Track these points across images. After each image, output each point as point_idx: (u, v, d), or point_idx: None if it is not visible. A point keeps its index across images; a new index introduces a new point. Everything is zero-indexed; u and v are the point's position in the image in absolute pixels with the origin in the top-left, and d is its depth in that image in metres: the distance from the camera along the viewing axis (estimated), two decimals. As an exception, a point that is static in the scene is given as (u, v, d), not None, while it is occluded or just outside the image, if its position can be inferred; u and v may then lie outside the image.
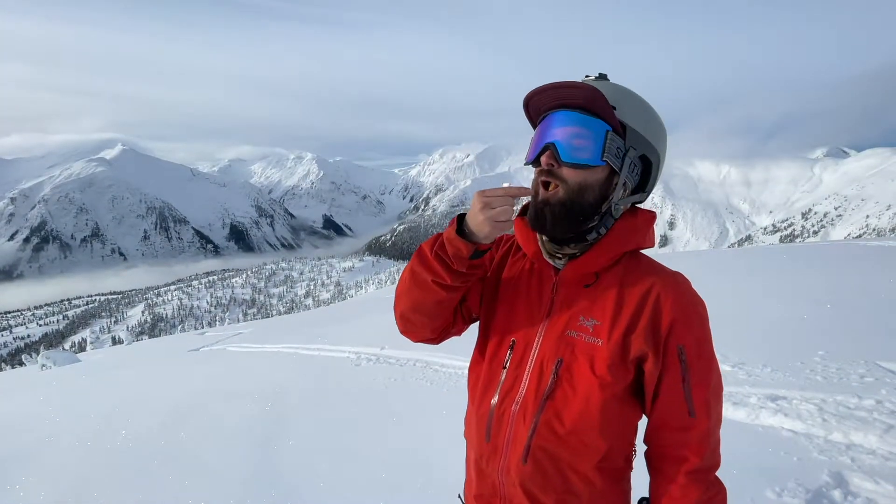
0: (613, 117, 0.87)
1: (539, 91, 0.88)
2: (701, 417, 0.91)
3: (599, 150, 0.86)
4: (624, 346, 0.90)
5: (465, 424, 1.12)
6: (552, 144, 0.87)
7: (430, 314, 1.00)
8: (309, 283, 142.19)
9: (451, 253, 0.89)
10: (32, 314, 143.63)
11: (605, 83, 0.91)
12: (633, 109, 0.90)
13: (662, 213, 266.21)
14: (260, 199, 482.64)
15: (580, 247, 0.94)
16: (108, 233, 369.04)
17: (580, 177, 0.87)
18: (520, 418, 0.95)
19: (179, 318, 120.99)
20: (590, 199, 0.89)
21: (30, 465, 3.99)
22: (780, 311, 5.79)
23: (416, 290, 0.97)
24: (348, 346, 7.61)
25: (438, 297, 0.95)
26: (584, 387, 0.90)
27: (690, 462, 0.91)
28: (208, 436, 4.15)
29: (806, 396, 3.26)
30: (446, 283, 0.92)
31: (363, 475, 3.03)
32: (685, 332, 0.90)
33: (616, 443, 0.94)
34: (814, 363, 3.86)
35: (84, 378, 9.54)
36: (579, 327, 0.92)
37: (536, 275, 1.01)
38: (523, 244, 1.02)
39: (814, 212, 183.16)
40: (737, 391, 3.49)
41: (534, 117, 0.95)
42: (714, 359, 0.93)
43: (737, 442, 2.76)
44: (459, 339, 1.18)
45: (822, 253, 11.28)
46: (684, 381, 0.90)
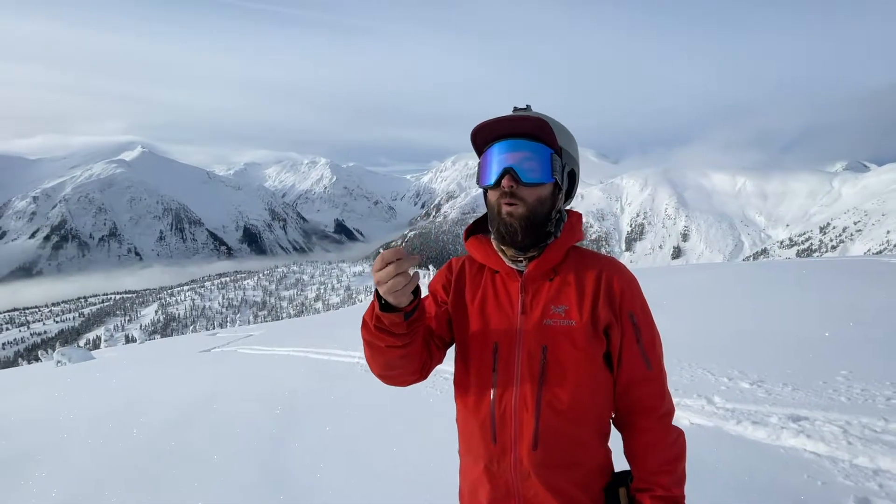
0: (555, 142, 1.07)
1: (492, 123, 1.06)
2: (656, 369, 1.10)
3: (549, 170, 1.05)
4: (594, 319, 1.06)
5: (462, 440, 1.17)
6: (511, 169, 1.04)
7: (401, 366, 1.08)
8: (319, 287, 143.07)
9: (387, 323, 0.98)
10: (50, 311, 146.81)
11: (539, 114, 1.10)
12: (563, 134, 1.10)
13: (676, 224, 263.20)
14: (273, 203, 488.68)
15: (538, 248, 1.10)
16: (125, 233, 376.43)
17: (536, 193, 1.06)
18: (522, 409, 1.05)
19: (191, 318, 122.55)
20: (545, 210, 1.08)
21: (43, 462, 4.03)
22: (800, 327, 5.64)
23: (378, 356, 1.06)
24: (358, 351, 7.60)
25: (399, 353, 1.03)
26: (573, 363, 1.05)
27: (657, 409, 1.09)
28: (218, 437, 4.16)
29: (829, 417, 3.15)
30: (399, 344, 1.01)
31: (373, 482, 2.99)
32: (632, 300, 1.10)
33: (606, 406, 1.11)
34: (837, 383, 3.74)
35: (98, 376, 9.67)
36: (553, 315, 1.07)
37: (501, 281, 1.14)
38: (483, 258, 1.15)
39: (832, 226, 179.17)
40: (756, 410, 3.38)
41: (481, 146, 1.11)
42: (654, 321, 1.13)
43: (757, 462, 2.72)
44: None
45: (843, 268, 11.00)
46: (638, 340, 1.09)
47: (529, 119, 1.04)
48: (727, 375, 4.16)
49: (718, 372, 4.28)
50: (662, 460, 1.07)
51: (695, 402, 3.62)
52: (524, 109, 1.09)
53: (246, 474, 3.31)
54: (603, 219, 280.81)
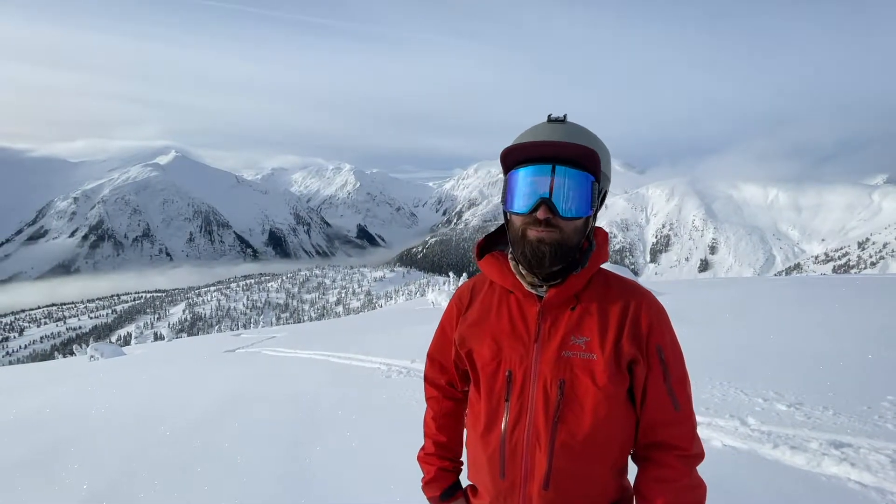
0: (598, 169, 0.95)
1: (533, 146, 0.93)
2: (685, 410, 1.00)
3: (589, 201, 0.95)
4: (617, 353, 0.97)
5: (470, 469, 1.12)
6: (548, 199, 0.93)
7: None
8: (340, 291, 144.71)
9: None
10: (85, 307, 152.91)
11: (579, 128, 0.98)
12: (603, 155, 0.98)
13: (703, 236, 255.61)
14: (298, 207, 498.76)
15: (562, 275, 1.01)
16: (157, 234, 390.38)
17: (572, 225, 0.96)
18: (535, 445, 0.97)
19: (217, 318, 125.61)
20: (578, 239, 0.99)
21: (74, 455, 4.16)
22: (840, 348, 5.36)
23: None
24: (379, 356, 7.62)
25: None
26: (591, 401, 0.96)
27: (681, 449, 1.00)
28: (243, 438, 4.21)
29: (875, 446, 2.96)
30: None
31: (395, 489, 2.97)
32: (660, 333, 1.00)
33: (626, 443, 1.02)
34: (882, 409, 3.53)
35: (128, 371, 10.00)
36: (573, 346, 0.98)
37: (516, 305, 1.05)
38: (500, 279, 1.06)
39: (872, 241, 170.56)
40: (795, 434, 3.22)
41: (511, 165, 0.99)
42: (683, 358, 1.04)
43: (796, 490, 2.62)
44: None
45: (886, 286, 10.44)
46: (666, 378, 0.99)
47: (578, 148, 0.92)
48: (762, 396, 3.98)
49: (752, 392, 4.09)
50: (673, 502, 0.96)
51: (727, 423, 3.47)
52: (561, 120, 0.99)
53: (269, 477, 3.34)
54: (627, 229, 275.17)
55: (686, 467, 0.99)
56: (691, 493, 0.97)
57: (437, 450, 1.22)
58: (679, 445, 1.00)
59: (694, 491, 0.98)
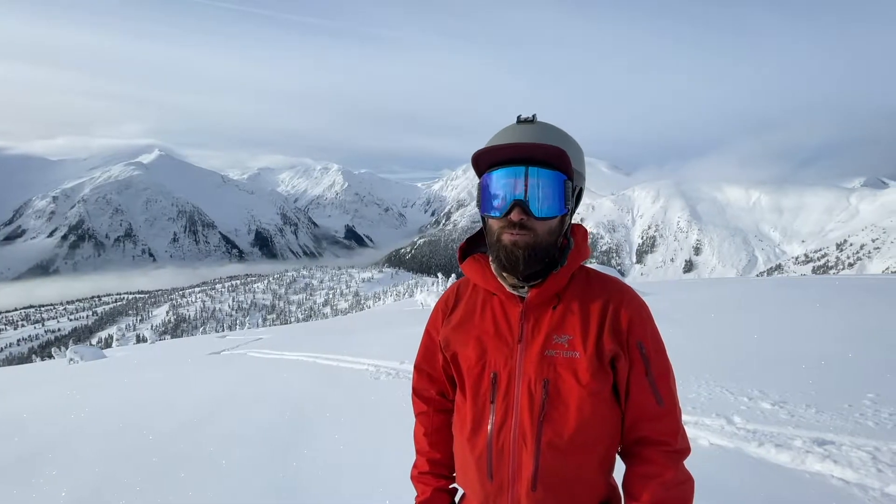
0: (570, 168, 0.96)
1: (502, 149, 0.94)
2: (668, 405, 1.00)
3: (562, 201, 0.96)
4: (599, 350, 0.98)
5: (458, 472, 1.12)
6: (522, 201, 0.94)
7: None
8: (328, 292, 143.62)
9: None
10: (64, 308, 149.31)
11: (549, 127, 1.00)
12: (575, 152, 1.00)
13: (688, 237, 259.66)
14: (285, 208, 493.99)
15: (541, 275, 1.01)
16: (140, 234, 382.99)
17: (547, 225, 0.97)
18: (521, 446, 0.97)
19: (202, 319, 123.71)
20: (553, 239, 0.99)
21: (54, 460, 4.04)
22: (822, 346, 5.48)
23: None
24: (367, 358, 7.56)
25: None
26: (575, 399, 0.97)
27: (667, 444, 1.00)
28: (228, 442, 4.14)
29: (857, 443, 3.03)
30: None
31: (384, 490, 2.94)
32: (641, 328, 1.01)
33: (612, 441, 1.02)
34: (863, 406, 3.61)
35: (109, 375, 9.76)
36: (556, 345, 0.99)
37: (500, 305, 1.06)
38: (482, 282, 1.07)
39: (849, 243, 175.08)
40: (780, 432, 3.27)
41: (484, 168, 1.00)
42: (666, 352, 1.04)
43: (781, 487, 2.65)
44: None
45: (864, 286, 10.72)
46: (647, 373, 1.00)
47: (547, 149, 0.92)
48: (747, 395, 4.04)
49: (737, 391, 4.16)
50: (659, 499, 0.95)
51: (713, 422, 3.51)
52: (530, 121, 1.00)
53: (255, 482, 3.28)
54: (614, 230, 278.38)
55: (671, 462, 0.98)
56: (678, 487, 0.97)
57: (431, 468, 1.19)
58: (664, 440, 1.00)
59: (681, 486, 0.97)
